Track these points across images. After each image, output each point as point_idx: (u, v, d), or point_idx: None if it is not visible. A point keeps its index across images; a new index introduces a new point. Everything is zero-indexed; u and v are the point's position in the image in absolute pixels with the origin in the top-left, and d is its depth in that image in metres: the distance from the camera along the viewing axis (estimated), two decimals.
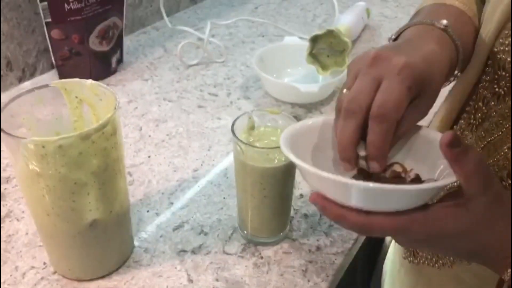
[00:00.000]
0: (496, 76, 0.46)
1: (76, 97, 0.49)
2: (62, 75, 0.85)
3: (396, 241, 0.41)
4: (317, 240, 0.58)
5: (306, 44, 0.86)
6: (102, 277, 0.52)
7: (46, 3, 0.77)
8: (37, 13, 0.84)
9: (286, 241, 0.58)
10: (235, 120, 0.52)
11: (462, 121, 0.53)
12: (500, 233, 0.36)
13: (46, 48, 0.87)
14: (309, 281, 0.53)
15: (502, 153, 0.45)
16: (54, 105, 0.50)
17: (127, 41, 1.02)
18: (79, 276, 0.52)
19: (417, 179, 0.42)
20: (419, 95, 0.40)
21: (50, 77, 0.88)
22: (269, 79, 0.82)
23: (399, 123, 0.39)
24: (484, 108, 0.48)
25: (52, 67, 0.90)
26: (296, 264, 0.55)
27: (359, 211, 0.37)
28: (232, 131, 0.51)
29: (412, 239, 0.38)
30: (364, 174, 0.43)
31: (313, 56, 0.86)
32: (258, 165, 0.50)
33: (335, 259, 0.55)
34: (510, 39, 0.44)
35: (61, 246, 0.49)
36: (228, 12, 1.18)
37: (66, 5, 0.77)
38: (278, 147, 0.50)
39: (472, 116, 0.50)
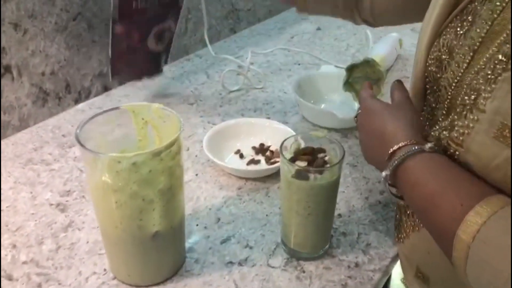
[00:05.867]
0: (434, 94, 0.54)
1: (143, 118, 0.55)
2: (115, 69, 0.85)
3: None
4: (356, 257, 0.61)
5: (342, 72, 0.90)
6: (158, 283, 0.57)
7: None
8: (95, 41, 0.91)
9: (327, 257, 0.61)
10: (283, 142, 0.57)
11: None
12: (394, 124, 0.51)
13: (101, 73, 0.95)
14: None
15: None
16: (122, 126, 0.55)
17: (173, 68, 1.09)
18: (137, 282, 0.56)
19: None
20: None
21: (102, 99, 0.95)
22: (308, 105, 0.87)
23: None
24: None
25: (104, 90, 0.97)
26: (336, 279, 0.58)
27: None
28: (280, 151, 0.56)
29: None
30: None
31: (349, 84, 0.90)
32: (304, 183, 0.54)
33: (373, 275, 0.59)
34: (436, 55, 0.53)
35: (123, 254, 0.54)
36: (265, 41, 1.25)
37: (134, 3, 0.80)
38: (322, 168, 0.55)
39: None
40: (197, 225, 0.66)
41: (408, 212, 0.57)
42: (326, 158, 0.57)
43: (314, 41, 1.26)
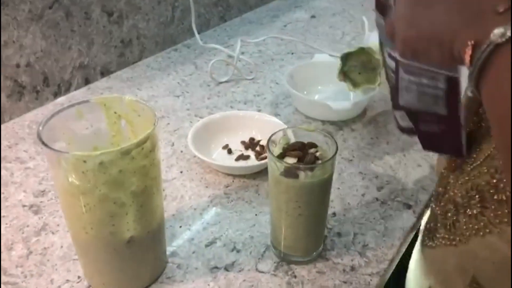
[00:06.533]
0: None
1: (115, 112, 0.50)
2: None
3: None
4: (352, 260, 0.57)
5: (336, 62, 0.85)
6: None
7: None
8: (74, 30, 0.86)
9: (320, 260, 0.57)
10: (270, 136, 0.52)
11: None
12: None
13: (81, 65, 0.89)
14: None
15: None
16: (93, 120, 0.50)
17: (159, 58, 1.04)
18: None
19: None
20: None
21: (84, 93, 0.90)
22: (300, 97, 0.82)
23: None
24: None
25: (86, 82, 0.92)
26: (330, 284, 0.54)
27: None
28: (267, 147, 0.51)
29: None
30: None
31: (344, 73, 0.85)
32: (294, 182, 0.50)
33: (371, 280, 0.54)
34: None
35: (96, 261, 0.50)
36: (257, 30, 1.19)
37: None
38: (313, 164, 0.50)
39: None
40: (180, 226, 0.61)
41: (469, 212, 0.47)
42: (318, 154, 0.52)
43: (308, 30, 1.20)
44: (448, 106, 0.51)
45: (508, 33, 0.30)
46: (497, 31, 0.30)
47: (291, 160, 0.51)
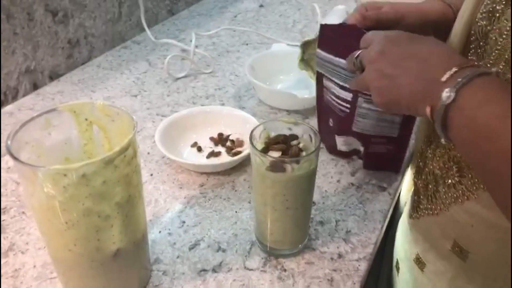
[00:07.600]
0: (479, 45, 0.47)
1: (86, 119, 0.47)
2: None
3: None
4: (338, 248, 0.57)
5: (294, 51, 0.85)
6: None
7: None
8: (17, 33, 0.80)
9: (307, 251, 0.57)
10: (252, 132, 0.51)
11: None
12: (443, 47, 0.45)
13: (28, 69, 0.84)
14: None
15: None
16: (63, 129, 0.47)
17: (109, 57, 0.99)
18: None
19: None
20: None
21: (33, 99, 0.84)
22: (264, 87, 0.81)
23: None
24: None
25: (34, 88, 0.86)
26: (321, 274, 0.54)
27: None
28: (250, 142, 0.50)
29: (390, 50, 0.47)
30: None
31: (305, 62, 0.85)
32: (281, 176, 0.49)
33: (359, 265, 0.55)
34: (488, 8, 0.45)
35: (81, 278, 0.47)
36: (207, 22, 1.17)
37: None
38: (299, 157, 0.49)
39: None
40: (159, 232, 0.59)
41: (448, 182, 0.51)
42: (301, 145, 0.51)
43: (258, 19, 1.20)
44: (401, 129, 0.62)
45: (452, 95, 0.39)
46: (444, 94, 0.39)
47: (275, 154, 0.50)
